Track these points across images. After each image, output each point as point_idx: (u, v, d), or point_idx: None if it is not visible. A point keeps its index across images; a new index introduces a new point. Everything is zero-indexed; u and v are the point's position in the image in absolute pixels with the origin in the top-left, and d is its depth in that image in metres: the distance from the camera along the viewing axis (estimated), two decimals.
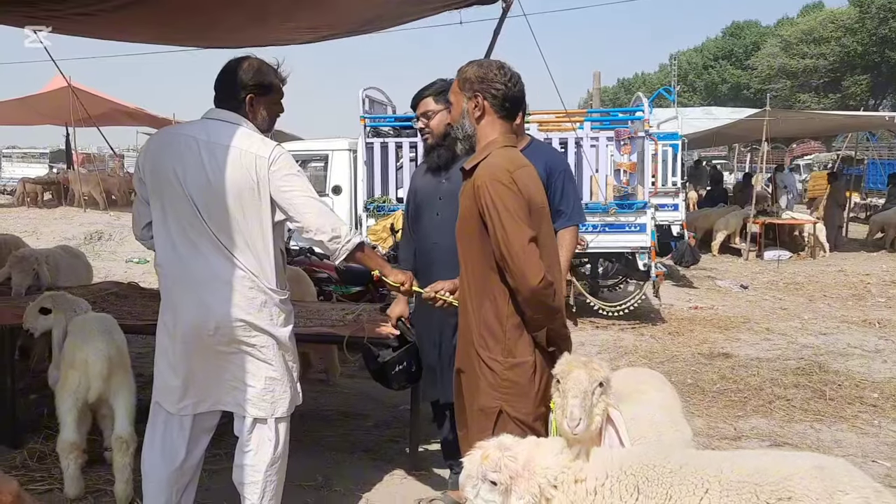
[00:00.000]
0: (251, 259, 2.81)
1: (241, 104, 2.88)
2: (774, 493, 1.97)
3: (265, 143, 2.83)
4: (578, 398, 2.13)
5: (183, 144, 2.81)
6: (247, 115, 2.90)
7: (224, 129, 2.83)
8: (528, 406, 2.45)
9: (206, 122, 2.89)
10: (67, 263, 5.15)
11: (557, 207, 3.29)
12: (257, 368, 2.86)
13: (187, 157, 2.78)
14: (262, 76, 2.91)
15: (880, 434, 4.92)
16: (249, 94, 2.88)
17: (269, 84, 2.94)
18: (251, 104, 2.90)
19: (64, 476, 3.55)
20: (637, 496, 2.08)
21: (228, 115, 2.87)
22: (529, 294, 2.37)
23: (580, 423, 2.11)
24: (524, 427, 2.43)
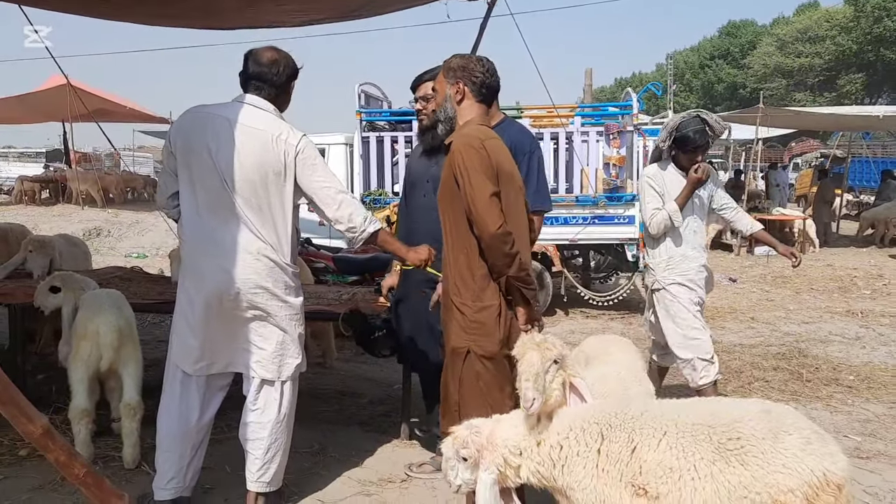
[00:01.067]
0: (272, 233, 3.10)
1: (282, 91, 3.20)
2: (725, 434, 2.18)
3: (294, 132, 3.13)
4: (531, 381, 2.36)
5: (218, 124, 3.08)
6: (282, 102, 3.21)
7: (256, 114, 3.11)
8: (493, 345, 2.73)
9: (238, 104, 3.15)
10: (68, 251, 5.38)
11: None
12: (270, 333, 3.14)
13: (222, 137, 3.05)
14: (296, 67, 3.26)
15: (853, 412, 5.14)
16: (293, 83, 3.24)
17: (297, 73, 3.29)
18: (289, 92, 3.25)
19: (75, 441, 3.74)
20: (601, 441, 2.30)
21: (259, 101, 3.15)
22: (489, 239, 2.67)
23: (534, 403, 2.35)
24: (488, 363, 2.72)
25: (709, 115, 4.35)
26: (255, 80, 3.17)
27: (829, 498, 2.12)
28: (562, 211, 8.16)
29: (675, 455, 2.19)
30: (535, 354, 2.38)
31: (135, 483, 3.59)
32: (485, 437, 2.39)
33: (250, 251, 3.07)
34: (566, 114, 8.23)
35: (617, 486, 2.25)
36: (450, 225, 2.84)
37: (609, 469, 2.26)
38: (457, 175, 2.73)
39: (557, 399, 2.40)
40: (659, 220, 4.35)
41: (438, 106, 2.99)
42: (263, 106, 3.14)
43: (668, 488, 2.18)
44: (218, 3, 4.05)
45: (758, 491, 2.11)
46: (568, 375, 2.42)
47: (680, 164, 4.39)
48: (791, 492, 2.09)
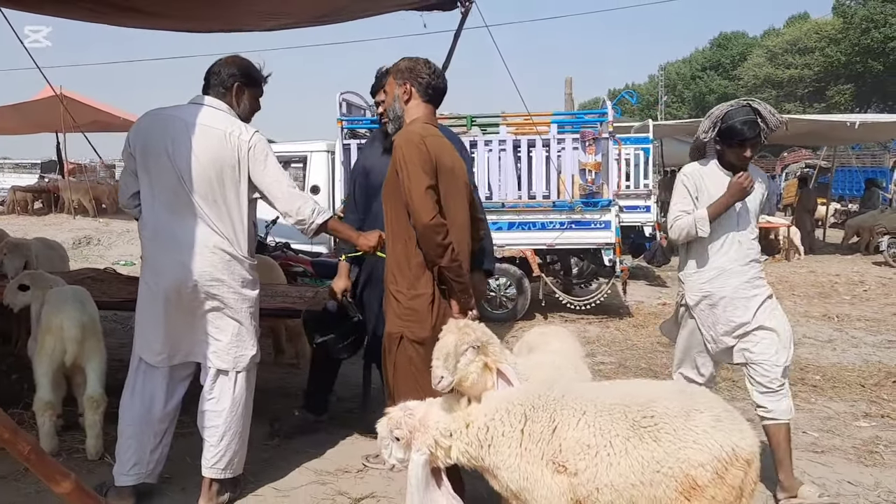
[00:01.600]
0: (228, 228, 3.23)
1: (228, 91, 3.33)
2: (640, 412, 2.29)
3: (247, 129, 3.27)
4: (440, 360, 2.51)
5: (171, 124, 3.23)
6: (231, 103, 3.33)
7: (211, 114, 3.26)
8: (425, 331, 2.87)
9: (194, 106, 3.30)
10: (44, 254, 5.51)
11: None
12: (226, 325, 3.27)
13: (178, 137, 3.19)
14: (251, 70, 3.42)
15: (814, 410, 5.24)
16: (238, 83, 3.34)
17: (255, 78, 3.45)
18: (238, 92, 3.36)
19: (39, 433, 3.86)
20: (525, 422, 2.40)
21: (214, 101, 3.31)
22: (423, 229, 2.83)
23: (441, 381, 2.50)
24: (419, 348, 2.86)
25: (761, 104, 3.69)
26: (206, 80, 3.36)
27: (738, 472, 2.23)
28: (539, 216, 8.28)
29: (593, 433, 2.30)
30: (451, 337, 2.51)
31: (97, 474, 3.69)
32: (417, 418, 2.49)
33: (207, 245, 3.19)
34: (541, 121, 8.35)
35: (539, 464, 2.36)
36: (391, 216, 2.99)
37: (532, 448, 2.37)
38: (398, 169, 2.89)
39: (474, 381, 2.52)
40: (681, 224, 3.68)
41: (388, 106, 3.18)
42: (217, 105, 3.30)
43: (586, 464, 2.28)
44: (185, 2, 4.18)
45: (670, 465, 2.22)
46: (492, 361, 2.54)
47: (725, 162, 3.72)
48: (701, 466, 2.20)
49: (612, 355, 6.90)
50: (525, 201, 8.42)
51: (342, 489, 3.63)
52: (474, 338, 2.53)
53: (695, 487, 2.21)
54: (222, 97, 3.32)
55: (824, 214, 19.26)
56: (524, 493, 2.39)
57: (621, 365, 6.46)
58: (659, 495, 2.24)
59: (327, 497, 3.57)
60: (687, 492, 2.22)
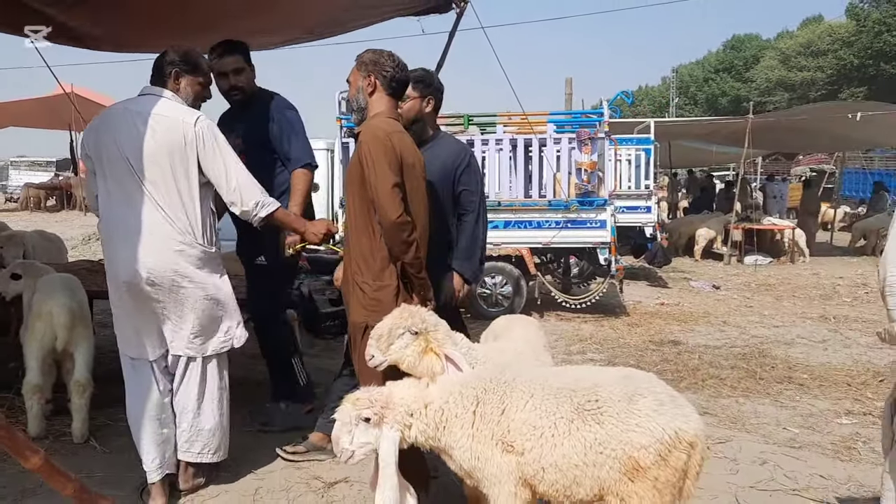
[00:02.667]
0: (181, 214, 3.24)
1: (168, 79, 3.35)
2: (585, 397, 2.37)
3: (191, 113, 3.29)
4: (373, 339, 2.67)
5: (119, 116, 3.28)
6: (174, 90, 3.36)
7: (155, 101, 3.28)
8: None
9: (142, 96, 3.36)
10: (42, 245, 5.66)
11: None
12: (186, 313, 3.30)
13: (122, 127, 3.24)
14: (188, 56, 3.42)
15: (798, 407, 5.28)
16: (175, 69, 3.37)
17: (195, 63, 3.44)
18: (176, 78, 3.37)
19: (28, 416, 4.01)
20: (477, 404, 2.49)
21: (158, 90, 3.35)
22: (389, 226, 2.92)
23: (372, 359, 2.66)
24: None
25: None
26: (152, 71, 3.42)
27: (681, 454, 2.30)
28: (535, 215, 8.36)
29: (539, 415, 2.38)
30: (388, 320, 2.63)
31: (81, 457, 3.82)
32: (385, 397, 2.57)
33: (159, 236, 3.21)
34: (537, 121, 8.43)
35: (489, 444, 2.44)
36: (355, 209, 3.07)
37: (482, 429, 2.45)
38: (363, 164, 2.96)
39: (412, 364, 2.65)
40: None
41: (352, 97, 3.20)
42: (160, 93, 3.33)
43: (532, 444, 2.37)
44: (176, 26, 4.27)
45: (613, 447, 2.30)
46: (436, 346, 2.64)
47: None
48: (644, 448, 2.28)
49: (602, 353, 6.96)
50: (521, 200, 8.49)
51: (316, 474, 3.73)
52: (411, 322, 2.64)
53: (638, 469, 2.28)
54: (164, 85, 3.36)
55: (832, 217, 19.19)
56: (476, 471, 2.47)
57: (610, 363, 6.51)
58: (603, 476, 2.31)
59: (301, 481, 3.67)
60: (630, 473, 2.29)
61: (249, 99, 4.28)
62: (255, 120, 4.15)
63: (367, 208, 3.00)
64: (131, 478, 3.61)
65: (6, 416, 4.21)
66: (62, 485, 2.44)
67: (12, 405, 4.44)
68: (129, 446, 4.01)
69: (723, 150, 18.40)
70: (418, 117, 3.66)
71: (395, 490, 2.45)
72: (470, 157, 3.82)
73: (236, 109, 4.31)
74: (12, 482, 3.54)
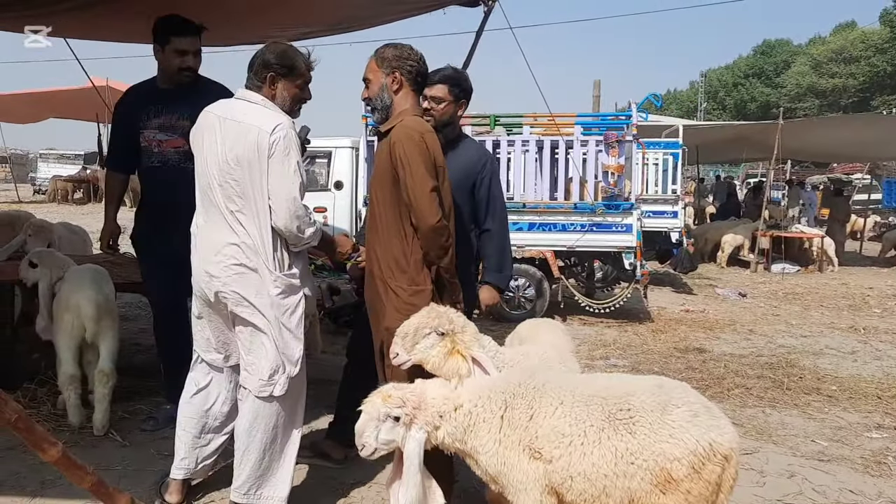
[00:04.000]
0: (255, 230, 2.97)
1: (264, 82, 3.07)
2: (617, 405, 2.30)
3: (272, 118, 2.98)
4: (399, 338, 2.61)
5: (207, 122, 3.09)
6: (269, 96, 3.08)
7: (242, 107, 3.05)
8: None
9: (231, 101, 3.15)
10: (67, 237, 5.70)
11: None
12: (246, 339, 3.07)
13: (207, 135, 3.05)
14: (286, 57, 3.10)
15: (826, 419, 5.15)
16: (271, 73, 3.07)
17: (292, 65, 3.11)
18: (272, 83, 3.08)
19: (67, 406, 4.06)
20: (505, 409, 2.43)
21: (250, 94, 3.09)
22: (428, 231, 2.83)
23: (396, 357, 2.59)
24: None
25: None
26: (247, 72, 3.15)
27: (715, 467, 2.22)
28: (560, 218, 8.27)
29: (568, 422, 2.31)
30: (415, 319, 2.56)
31: (101, 449, 3.81)
32: (418, 397, 2.51)
33: (227, 254, 3.00)
34: (564, 122, 8.34)
35: (516, 450, 2.38)
36: (384, 210, 2.98)
37: (510, 434, 2.39)
38: (397, 166, 2.87)
39: (436, 365, 2.59)
40: None
41: (373, 95, 3.06)
42: (251, 98, 3.08)
43: (560, 452, 2.30)
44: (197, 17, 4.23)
45: (645, 458, 2.22)
46: (463, 348, 2.57)
47: None
48: (677, 460, 2.20)
49: (625, 359, 6.86)
50: (546, 202, 8.41)
51: (330, 475, 3.70)
52: (437, 323, 2.58)
53: (670, 481, 2.21)
54: (258, 90, 3.09)
55: (861, 226, 18.87)
56: (501, 477, 2.42)
57: (634, 369, 6.41)
58: (633, 487, 2.24)
59: (316, 482, 3.64)
60: (662, 485, 2.22)
61: (195, 82, 4.17)
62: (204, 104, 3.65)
63: (400, 210, 2.92)
64: (150, 472, 3.60)
65: (28, 406, 4.24)
66: (80, 478, 2.42)
67: (34, 396, 4.45)
68: (149, 440, 4.03)
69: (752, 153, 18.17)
70: (451, 120, 3.59)
71: (419, 488, 2.41)
72: (492, 163, 3.75)
73: (178, 90, 4.11)
74: (32, 473, 3.53)
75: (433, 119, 3.61)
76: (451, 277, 2.96)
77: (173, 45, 4.01)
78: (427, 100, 3.58)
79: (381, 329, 2.98)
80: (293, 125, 3.05)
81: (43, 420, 4.08)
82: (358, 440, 2.49)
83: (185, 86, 4.10)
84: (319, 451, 3.80)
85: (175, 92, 4.11)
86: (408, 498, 2.41)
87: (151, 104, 4.11)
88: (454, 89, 3.55)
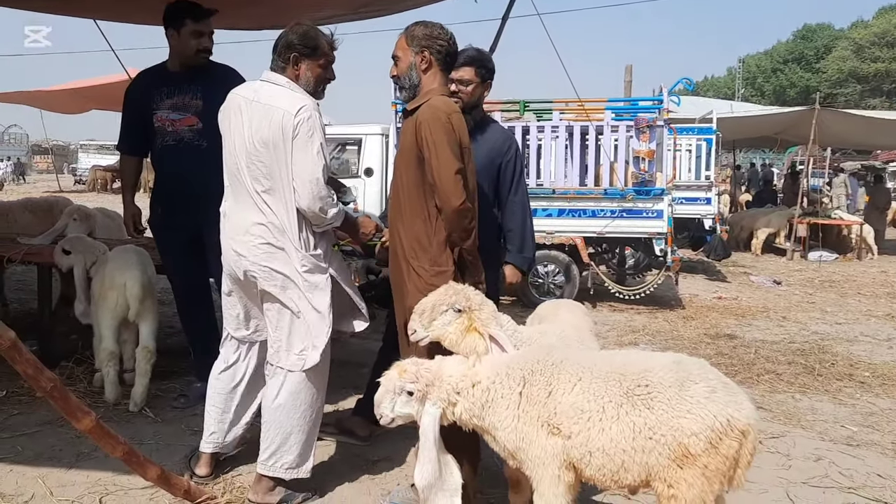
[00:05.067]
0: (282, 211, 3.03)
1: (288, 63, 3.11)
2: (635, 381, 2.31)
3: (297, 100, 3.01)
4: (416, 314, 2.61)
5: (234, 104, 3.13)
6: (293, 77, 3.11)
7: (267, 89, 3.08)
8: None
9: (257, 82, 3.16)
10: (103, 223, 5.88)
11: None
12: (274, 317, 3.14)
13: (233, 117, 3.10)
14: (309, 38, 3.13)
15: (857, 405, 5.09)
16: (294, 53, 3.10)
17: (315, 46, 3.13)
18: (296, 63, 3.11)
19: (105, 383, 4.21)
20: (524, 385, 2.45)
21: (275, 76, 3.12)
22: (452, 213, 2.84)
23: (414, 334, 2.61)
24: None
25: None
26: (272, 54, 3.17)
27: (732, 442, 2.22)
28: (590, 204, 8.23)
29: (587, 398, 2.33)
30: (433, 296, 2.58)
31: (134, 425, 3.94)
32: (433, 372, 2.55)
33: (255, 234, 3.05)
34: (594, 108, 8.29)
35: (535, 426, 2.40)
36: (407, 190, 2.98)
37: (529, 410, 2.41)
38: (423, 147, 2.87)
39: (454, 341, 2.61)
40: None
41: (402, 73, 3.06)
42: (276, 80, 3.10)
43: (579, 428, 2.32)
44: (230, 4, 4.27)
45: (662, 433, 2.23)
46: (480, 325, 2.59)
47: None
48: (695, 435, 2.21)
49: (654, 344, 6.83)
50: (576, 188, 8.37)
51: (356, 452, 3.77)
52: (455, 300, 2.60)
53: (687, 456, 2.22)
54: (283, 71, 3.11)
55: None
56: (520, 452, 2.44)
57: None
58: (651, 462, 2.25)
59: (342, 459, 3.71)
60: (679, 460, 2.23)
61: (208, 63, 4.25)
62: (218, 86, 3.74)
63: (424, 191, 2.92)
64: (182, 447, 3.70)
65: (66, 384, 4.37)
66: (112, 447, 2.50)
67: (71, 374, 4.60)
68: (181, 416, 4.14)
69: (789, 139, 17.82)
70: (478, 102, 3.60)
71: (435, 464, 2.43)
72: (516, 146, 3.76)
73: (188, 72, 4.20)
74: (69, 446, 3.66)
75: (461, 101, 3.57)
76: (473, 259, 2.97)
77: (189, 27, 4.09)
78: (454, 83, 3.55)
79: (404, 308, 3.01)
80: (317, 107, 3.09)
81: (80, 397, 4.21)
82: (376, 410, 2.54)
83: (193, 67, 4.20)
84: (345, 429, 3.87)
85: (185, 74, 4.21)
86: (423, 472, 2.43)
87: (163, 86, 4.20)
88: (480, 70, 3.54)
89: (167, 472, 2.85)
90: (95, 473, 3.35)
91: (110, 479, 3.28)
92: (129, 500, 3.13)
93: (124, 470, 3.01)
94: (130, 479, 3.01)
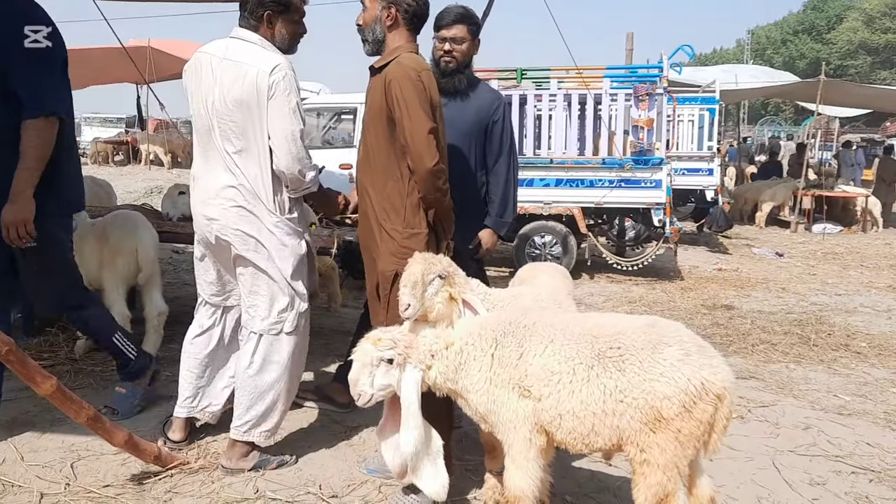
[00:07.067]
0: (255, 172, 2.95)
1: (261, 21, 3.01)
2: (607, 343, 2.24)
3: (270, 59, 2.92)
4: (408, 287, 2.46)
5: (203, 63, 3.00)
6: (267, 35, 3.02)
7: (239, 46, 2.98)
8: None
9: (226, 40, 3.03)
10: (92, 190, 5.78)
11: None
12: (245, 279, 3.07)
13: (204, 76, 2.98)
14: None
15: (852, 375, 5.02)
16: (268, 11, 3.01)
17: (288, 2, 3.05)
18: (269, 21, 3.02)
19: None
20: (496, 347, 2.38)
21: (246, 33, 3.01)
22: (425, 173, 2.75)
23: (409, 309, 2.45)
24: None
25: None
26: (240, 10, 3.05)
27: (707, 406, 2.16)
28: (588, 173, 8.12)
29: (558, 360, 2.26)
30: (418, 266, 2.47)
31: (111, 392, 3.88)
32: (409, 337, 2.48)
33: (227, 196, 2.98)
34: (593, 76, 8.14)
35: (506, 388, 2.34)
36: (378, 151, 2.89)
37: (500, 372, 2.35)
38: (393, 106, 2.76)
39: (441, 311, 2.50)
40: None
41: (367, 24, 2.95)
42: (247, 37, 3.00)
43: (549, 390, 2.26)
44: None
45: (634, 396, 2.17)
46: (457, 292, 2.52)
47: None
48: (667, 398, 2.14)
49: (650, 314, 6.74)
50: (574, 158, 8.26)
51: (335, 419, 3.73)
52: (441, 268, 2.51)
53: (660, 419, 2.15)
54: (255, 29, 3.01)
55: None
56: (491, 415, 2.39)
57: None
58: (622, 425, 2.19)
59: (321, 426, 3.67)
60: (651, 423, 2.16)
61: None
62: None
63: (395, 151, 2.83)
64: (159, 413, 3.67)
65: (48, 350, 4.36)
66: (75, 412, 2.46)
67: (54, 341, 4.58)
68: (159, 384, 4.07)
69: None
70: (470, 60, 3.52)
71: (420, 429, 2.37)
72: (505, 107, 3.68)
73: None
74: (44, 412, 3.60)
75: (455, 60, 3.51)
76: (447, 220, 2.90)
77: None
78: (447, 41, 3.49)
79: (375, 272, 2.94)
80: (291, 65, 2.99)
81: (59, 364, 4.19)
82: (353, 390, 2.43)
83: None
84: (324, 395, 3.82)
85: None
86: (408, 439, 2.37)
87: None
88: (472, 27, 3.49)
89: (135, 437, 2.80)
90: (69, 438, 3.31)
91: (83, 445, 3.24)
92: (100, 465, 3.09)
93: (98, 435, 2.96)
94: (104, 444, 2.95)
